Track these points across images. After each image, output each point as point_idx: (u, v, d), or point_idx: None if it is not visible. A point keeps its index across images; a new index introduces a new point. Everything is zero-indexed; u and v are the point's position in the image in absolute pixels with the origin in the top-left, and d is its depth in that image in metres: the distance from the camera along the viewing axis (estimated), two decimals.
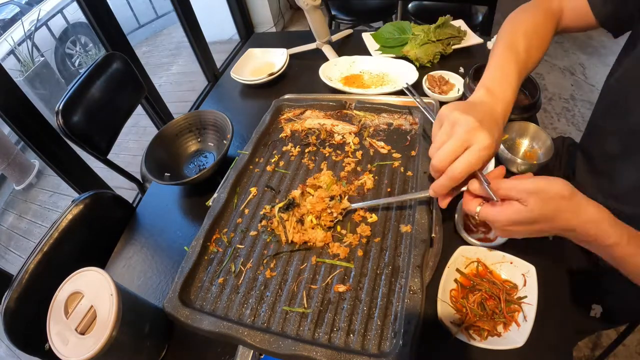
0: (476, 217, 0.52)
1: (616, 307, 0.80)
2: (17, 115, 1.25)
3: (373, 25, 2.39)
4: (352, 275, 0.60)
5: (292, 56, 1.30)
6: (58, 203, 2.57)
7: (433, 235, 0.63)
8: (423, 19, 1.90)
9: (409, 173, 0.74)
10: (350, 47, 1.35)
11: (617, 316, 0.84)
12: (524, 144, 0.88)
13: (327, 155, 0.81)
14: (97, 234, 0.92)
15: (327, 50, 1.30)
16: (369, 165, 0.77)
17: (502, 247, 0.69)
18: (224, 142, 0.96)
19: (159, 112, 1.79)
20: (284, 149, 0.84)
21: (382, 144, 0.80)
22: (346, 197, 0.71)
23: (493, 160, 0.82)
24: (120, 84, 1.33)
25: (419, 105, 0.74)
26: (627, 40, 0.66)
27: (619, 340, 1.07)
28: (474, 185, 0.51)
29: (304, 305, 0.58)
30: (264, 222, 0.70)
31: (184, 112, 1.04)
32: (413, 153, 0.77)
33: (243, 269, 0.64)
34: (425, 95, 1.05)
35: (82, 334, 0.53)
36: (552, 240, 0.71)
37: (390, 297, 0.57)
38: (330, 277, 0.61)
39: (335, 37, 1.38)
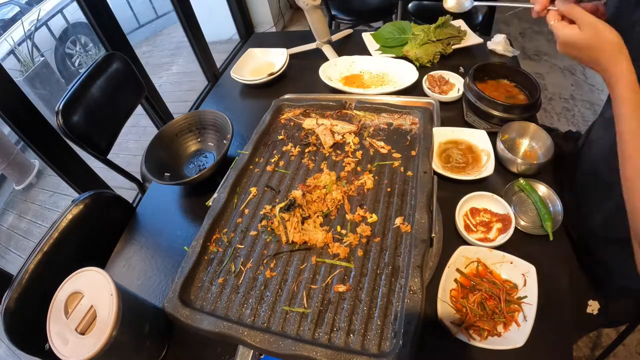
0: (550, 25, 0.60)
1: (616, 307, 0.80)
2: (17, 115, 1.24)
3: (373, 25, 2.39)
4: (352, 275, 0.60)
5: (292, 56, 1.30)
6: (58, 203, 2.57)
7: (433, 235, 0.63)
8: (423, 18, 1.90)
9: (409, 173, 0.74)
10: (350, 47, 1.35)
11: (616, 316, 0.84)
12: (524, 144, 0.88)
13: (327, 155, 0.81)
14: (97, 234, 0.92)
15: (327, 50, 1.30)
16: (369, 165, 0.77)
17: (502, 247, 0.69)
18: (224, 142, 0.96)
19: (159, 112, 1.78)
20: (284, 149, 0.84)
21: (382, 143, 0.80)
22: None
23: (493, 158, 0.83)
24: (120, 84, 1.33)
25: None
26: None
27: (619, 340, 1.07)
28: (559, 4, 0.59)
29: (304, 305, 0.58)
30: (264, 222, 0.70)
31: (184, 112, 1.04)
32: (413, 153, 0.77)
33: (243, 269, 0.64)
34: (426, 96, 1.05)
35: (82, 334, 0.53)
36: (552, 240, 0.71)
37: (390, 297, 0.57)
38: (330, 277, 0.61)
39: (335, 37, 1.38)
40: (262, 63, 1.32)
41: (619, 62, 0.53)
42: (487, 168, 0.82)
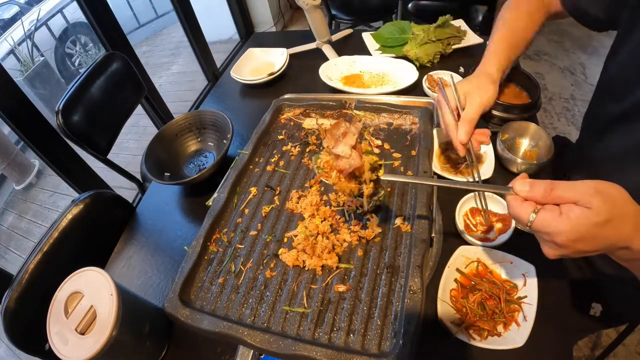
0: (527, 229, 0.42)
1: (616, 307, 0.80)
2: (17, 115, 1.24)
3: (373, 25, 2.39)
4: (352, 275, 0.60)
5: (292, 56, 1.30)
6: (58, 203, 2.57)
7: (433, 235, 0.63)
8: (423, 18, 1.90)
9: (409, 173, 0.74)
10: (350, 46, 1.35)
11: (617, 316, 0.84)
12: (524, 144, 0.88)
13: None
14: (97, 234, 0.92)
15: (327, 50, 1.30)
16: None
17: (502, 247, 0.69)
18: (224, 142, 0.96)
19: (159, 112, 1.78)
20: (284, 148, 0.84)
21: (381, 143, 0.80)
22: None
23: (493, 158, 0.83)
24: (120, 83, 1.33)
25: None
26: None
27: (619, 340, 1.07)
28: (522, 185, 0.41)
29: (304, 305, 0.58)
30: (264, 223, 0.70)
31: (184, 112, 1.04)
32: (413, 153, 0.77)
33: (243, 268, 0.64)
34: (426, 96, 1.05)
35: (82, 334, 0.53)
36: None
37: (390, 297, 0.57)
38: (330, 277, 0.61)
39: (335, 37, 1.38)
40: (262, 63, 1.32)
41: None
42: (487, 168, 0.82)
